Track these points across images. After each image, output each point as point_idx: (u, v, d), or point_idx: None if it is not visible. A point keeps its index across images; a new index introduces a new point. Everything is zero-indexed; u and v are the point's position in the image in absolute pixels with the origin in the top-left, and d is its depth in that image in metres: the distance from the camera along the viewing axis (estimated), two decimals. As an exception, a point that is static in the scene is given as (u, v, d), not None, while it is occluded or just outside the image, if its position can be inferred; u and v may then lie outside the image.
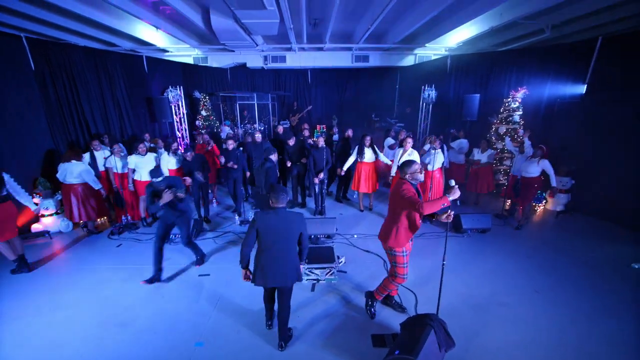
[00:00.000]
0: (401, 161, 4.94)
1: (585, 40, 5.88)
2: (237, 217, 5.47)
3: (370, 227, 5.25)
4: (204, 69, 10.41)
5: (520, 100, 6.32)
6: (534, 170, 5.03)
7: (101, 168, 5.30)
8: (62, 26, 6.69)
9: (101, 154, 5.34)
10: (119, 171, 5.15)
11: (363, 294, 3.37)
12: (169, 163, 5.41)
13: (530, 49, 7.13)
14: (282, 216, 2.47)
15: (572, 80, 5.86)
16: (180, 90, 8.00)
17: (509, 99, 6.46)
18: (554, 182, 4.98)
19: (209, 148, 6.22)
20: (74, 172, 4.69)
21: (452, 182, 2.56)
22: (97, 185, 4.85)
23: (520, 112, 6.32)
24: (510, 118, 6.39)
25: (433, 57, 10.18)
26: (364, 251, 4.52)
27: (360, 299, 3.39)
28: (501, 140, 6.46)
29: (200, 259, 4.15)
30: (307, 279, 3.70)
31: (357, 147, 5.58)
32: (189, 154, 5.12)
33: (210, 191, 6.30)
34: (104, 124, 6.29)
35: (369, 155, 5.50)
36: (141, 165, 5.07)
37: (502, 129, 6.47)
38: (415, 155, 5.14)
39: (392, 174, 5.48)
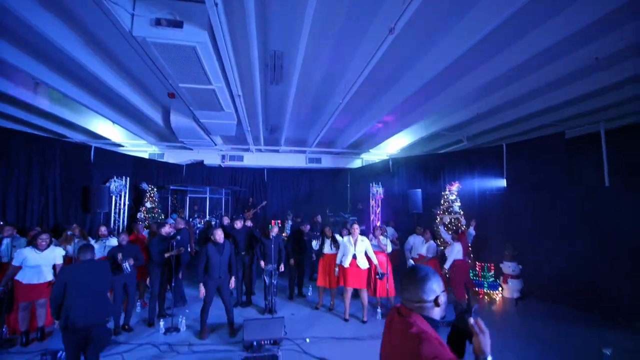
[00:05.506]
0: (357, 250, 4.72)
1: (495, 146, 7.19)
2: (161, 323, 4.41)
3: (327, 328, 4.56)
4: (159, 163, 10.32)
5: (456, 193, 7.01)
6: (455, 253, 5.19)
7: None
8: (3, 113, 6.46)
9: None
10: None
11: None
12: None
13: (456, 153, 8.43)
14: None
15: (493, 176, 6.80)
16: (126, 181, 7.60)
17: (446, 192, 7.15)
18: (447, 265, 5.15)
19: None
20: None
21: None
22: None
23: (459, 204, 6.92)
24: (451, 209, 6.91)
25: (377, 160, 11.48)
26: (318, 359, 3.73)
27: None
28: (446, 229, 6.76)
29: None
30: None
31: (319, 240, 5.48)
32: (123, 236, 4.46)
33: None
34: (17, 210, 5.44)
35: (329, 247, 5.31)
36: (32, 263, 3.96)
37: (447, 219, 6.87)
38: (367, 242, 4.96)
39: (337, 262, 4.98)
